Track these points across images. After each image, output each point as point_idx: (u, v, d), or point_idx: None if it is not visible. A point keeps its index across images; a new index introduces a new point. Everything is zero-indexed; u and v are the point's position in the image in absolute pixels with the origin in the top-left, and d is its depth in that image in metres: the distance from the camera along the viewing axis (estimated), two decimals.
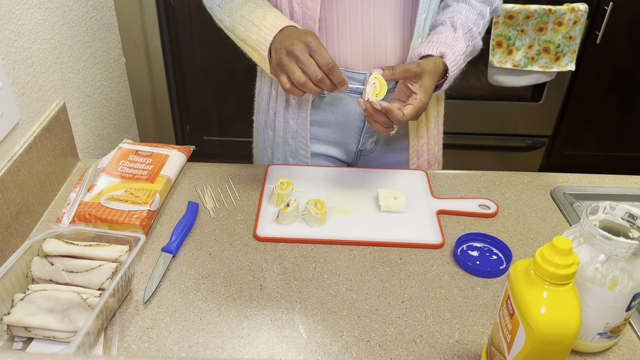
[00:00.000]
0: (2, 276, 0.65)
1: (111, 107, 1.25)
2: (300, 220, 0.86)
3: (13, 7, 0.82)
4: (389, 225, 0.86)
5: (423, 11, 0.88)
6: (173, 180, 0.93)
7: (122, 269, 0.67)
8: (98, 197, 0.85)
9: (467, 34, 0.89)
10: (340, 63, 0.92)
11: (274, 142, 1.03)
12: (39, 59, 0.90)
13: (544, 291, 0.52)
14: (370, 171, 0.99)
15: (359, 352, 0.66)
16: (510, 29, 1.83)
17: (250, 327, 0.69)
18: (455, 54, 0.86)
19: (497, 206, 0.91)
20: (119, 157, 0.95)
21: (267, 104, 1.01)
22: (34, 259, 0.70)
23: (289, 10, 0.88)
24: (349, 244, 0.83)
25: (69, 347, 0.59)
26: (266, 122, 1.03)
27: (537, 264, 0.52)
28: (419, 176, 0.98)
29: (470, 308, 0.73)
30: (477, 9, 0.91)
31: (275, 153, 1.04)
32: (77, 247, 0.71)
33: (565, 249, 0.50)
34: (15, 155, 0.81)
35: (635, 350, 0.68)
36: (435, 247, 0.82)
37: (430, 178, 0.98)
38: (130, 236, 0.73)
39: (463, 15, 0.90)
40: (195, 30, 1.98)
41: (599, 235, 0.58)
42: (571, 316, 0.52)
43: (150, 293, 0.73)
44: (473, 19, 0.90)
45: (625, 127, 2.15)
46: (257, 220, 0.85)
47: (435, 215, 0.88)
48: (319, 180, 0.95)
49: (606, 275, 0.59)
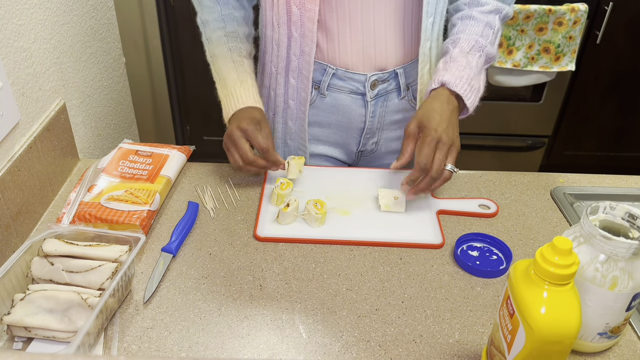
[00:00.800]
0: (2, 276, 0.65)
1: (111, 107, 1.25)
2: (300, 220, 0.86)
3: (13, 7, 0.82)
4: (389, 225, 0.86)
5: (429, 15, 0.88)
6: (173, 180, 0.93)
7: (122, 269, 0.67)
8: (98, 197, 0.85)
9: (474, 47, 0.89)
10: (341, 64, 0.92)
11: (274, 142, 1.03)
12: (39, 59, 0.90)
13: (544, 291, 0.52)
14: (370, 171, 0.98)
15: (359, 352, 0.66)
16: (510, 29, 1.83)
17: (250, 327, 0.69)
18: (454, 74, 0.86)
19: (497, 206, 0.91)
20: (119, 157, 0.95)
21: (266, 105, 1.01)
22: (34, 259, 0.70)
23: (286, 11, 0.88)
24: (349, 244, 0.83)
25: (69, 347, 0.59)
26: None
27: (537, 264, 0.52)
28: None
29: (470, 308, 0.73)
30: (483, 21, 0.91)
31: None
32: (77, 247, 0.71)
33: (565, 249, 0.50)
34: (15, 155, 0.81)
35: (635, 350, 0.68)
36: (435, 247, 0.82)
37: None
38: (130, 236, 0.73)
39: (466, 33, 0.90)
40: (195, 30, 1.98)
41: (599, 235, 0.58)
42: (571, 316, 0.52)
43: (150, 293, 0.73)
44: (479, 32, 0.90)
45: (625, 127, 2.15)
46: (257, 220, 0.85)
47: (436, 215, 0.88)
48: (318, 180, 0.95)
49: (606, 275, 0.59)
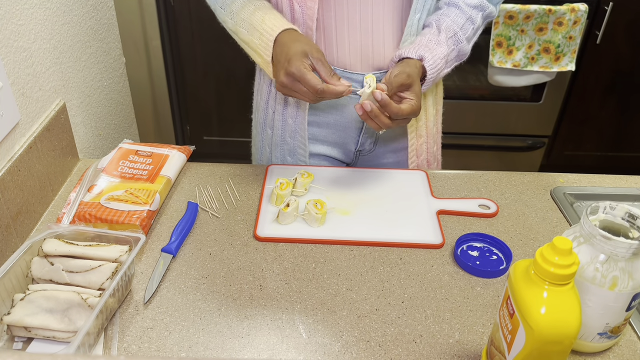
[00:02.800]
0: (2, 276, 0.65)
1: (111, 107, 1.25)
2: (300, 220, 0.86)
3: (13, 7, 0.82)
4: (389, 226, 0.86)
5: (417, 11, 0.88)
6: (173, 180, 0.93)
7: (122, 269, 0.67)
8: (98, 197, 0.85)
9: (451, 37, 0.89)
10: (339, 64, 0.92)
11: (273, 140, 1.03)
12: (39, 59, 0.90)
13: (544, 291, 0.52)
14: (370, 171, 0.99)
15: (359, 352, 0.66)
16: (510, 29, 1.83)
17: (250, 327, 0.69)
18: (434, 57, 0.86)
19: (497, 206, 0.91)
20: (119, 157, 0.95)
21: (266, 102, 1.01)
22: (34, 259, 0.70)
23: (289, 8, 0.88)
24: (348, 244, 0.83)
25: (69, 347, 0.59)
26: (265, 120, 1.03)
27: (537, 264, 0.52)
28: (419, 176, 0.98)
29: (470, 308, 0.73)
30: (467, 13, 0.91)
31: (274, 152, 1.04)
32: (77, 247, 0.71)
33: (565, 249, 0.50)
34: (15, 155, 0.81)
35: (635, 350, 0.68)
36: (435, 247, 0.82)
37: (430, 178, 0.98)
38: (130, 236, 0.73)
39: (450, 18, 0.90)
40: (195, 30, 1.98)
41: (599, 235, 0.58)
42: (571, 316, 0.52)
43: (151, 293, 0.73)
44: (460, 24, 0.90)
45: (625, 127, 2.15)
46: (257, 220, 0.85)
47: (435, 215, 0.88)
48: (318, 181, 0.95)
49: (606, 275, 0.59)
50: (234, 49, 0.94)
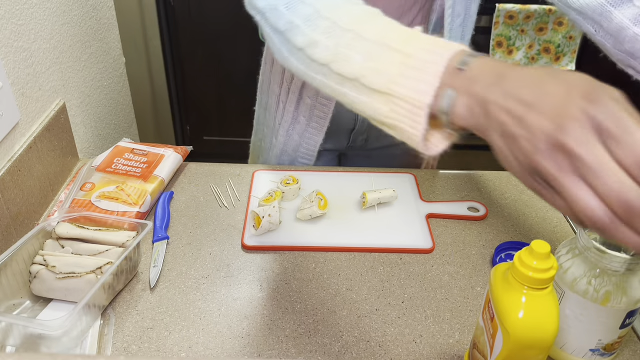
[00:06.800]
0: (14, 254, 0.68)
1: (111, 107, 1.25)
2: (290, 225, 0.84)
3: (13, 7, 0.82)
4: (379, 231, 0.84)
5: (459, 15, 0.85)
6: (166, 181, 0.92)
7: (128, 250, 0.71)
8: (89, 194, 0.85)
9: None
10: None
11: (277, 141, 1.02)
12: (39, 59, 0.90)
13: (522, 295, 0.51)
14: (359, 175, 0.96)
15: (359, 352, 0.66)
16: (510, 28, 1.83)
17: (250, 327, 0.69)
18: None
19: (487, 209, 0.90)
20: (114, 154, 0.94)
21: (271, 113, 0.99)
22: (47, 241, 0.74)
23: None
24: (340, 250, 0.81)
25: (75, 308, 0.61)
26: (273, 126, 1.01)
27: (515, 268, 0.51)
28: (408, 179, 0.96)
29: (470, 308, 0.73)
30: None
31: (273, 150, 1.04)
32: (87, 231, 0.74)
33: (543, 253, 0.49)
34: (15, 155, 0.81)
35: (636, 350, 0.68)
36: (425, 252, 0.82)
37: (422, 180, 0.97)
38: (138, 222, 0.76)
39: None
40: (195, 30, 1.98)
41: (593, 247, 0.57)
42: (548, 321, 0.51)
43: (156, 277, 0.75)
44: None
45: None
46: (244, 229, 0.84)
47: (425, 219, 0.87)
48: (306, 185, 0.93)
49: (599, 290, 0.57)
50: (234, 49, 0.94)
